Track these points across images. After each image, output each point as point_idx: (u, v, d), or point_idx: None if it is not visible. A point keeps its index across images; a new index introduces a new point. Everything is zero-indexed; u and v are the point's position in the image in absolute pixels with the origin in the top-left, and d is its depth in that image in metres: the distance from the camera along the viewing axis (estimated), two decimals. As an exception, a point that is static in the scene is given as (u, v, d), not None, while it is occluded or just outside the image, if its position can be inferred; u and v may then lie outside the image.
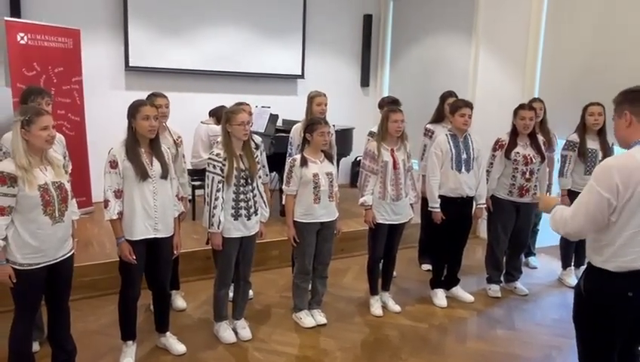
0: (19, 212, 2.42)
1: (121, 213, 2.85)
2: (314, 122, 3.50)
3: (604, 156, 4.04)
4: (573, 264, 4.62)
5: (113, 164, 2.82)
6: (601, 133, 4.20)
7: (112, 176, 2.83)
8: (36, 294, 2.57)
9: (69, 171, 2.82)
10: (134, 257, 2.87)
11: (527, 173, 4.01)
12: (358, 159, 7.04)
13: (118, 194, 2.84)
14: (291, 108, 6.02)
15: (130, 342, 3.08)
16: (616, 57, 4.64)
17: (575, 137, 4.26)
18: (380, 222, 3.70)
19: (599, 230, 2.07)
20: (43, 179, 2.46)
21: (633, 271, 2.02)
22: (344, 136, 5.81)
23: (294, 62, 7.10)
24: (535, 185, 4.08)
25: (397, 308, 3.93)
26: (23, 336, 2.59)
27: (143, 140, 2.88)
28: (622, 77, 4.37)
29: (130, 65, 6.09)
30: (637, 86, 2.10)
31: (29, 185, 2.39)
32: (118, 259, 2.96)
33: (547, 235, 5.05)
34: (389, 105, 4.23)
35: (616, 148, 4.07)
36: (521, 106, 4.02)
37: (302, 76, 7.16)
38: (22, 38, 4.81)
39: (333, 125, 3.52)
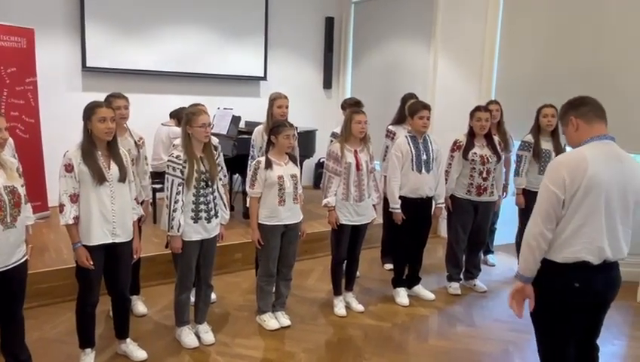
0: (-32, 217, 2.33)
1: (77, 218, 2.77)
2: (279, 125, 3.49)
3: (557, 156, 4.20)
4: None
5: (68, 168, 2.74)
6: (554, 134, 4.34)
7: (68, 180, 2.75)
8: (-12, 302, 2.48)
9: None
10: (92, 263, 2.79)
11: (485, 173, 4.13)
12: (321, 161, 7.07)
13: (74, 198, 2.76)
14: (254, 110, 5.99)
15: (89, 350, 3.00)
16: (568, 61, 4.82)
17: (530, 138, 4.40)
18: (343, 223, 3.74)
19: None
20: (-6, 182, 2.38)
21: (579, 263, 2.12)
22: (307, 138, 5.81)
23: (257, 63, 7.07)
24: (492, 184, 4.20)
25: (360, 307, 3.97)
26: (-26, 347, 2.49)
27: (100, 143, 2.81)
28: (574, 80, 4.56)
29: (88, 65, 5.93)
30: (574, 97, 2.29)
31: (-21, 189, 2.30)
32: (75, 265, 2.88)
33: (505, 233, 5.21)
34: (352, 106, 4.28)
35: (569, 149, 4.22)
36: (478, 108, 4.14)
37: (264, 78, 7.14)
38: (-29, 37, 4.64)
39: (296, 128, 3.54)
